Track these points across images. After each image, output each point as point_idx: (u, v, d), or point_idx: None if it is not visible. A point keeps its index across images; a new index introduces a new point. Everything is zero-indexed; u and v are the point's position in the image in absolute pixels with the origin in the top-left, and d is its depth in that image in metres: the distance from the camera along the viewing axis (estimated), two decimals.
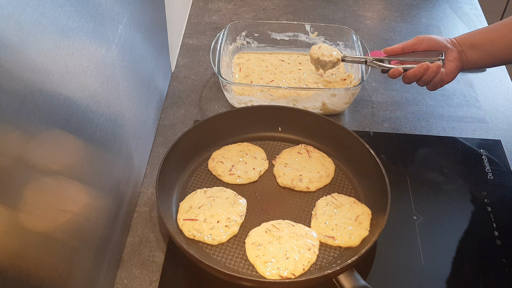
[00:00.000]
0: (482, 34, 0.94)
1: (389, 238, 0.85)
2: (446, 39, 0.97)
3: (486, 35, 0.93)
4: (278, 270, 0.76)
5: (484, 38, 0.93)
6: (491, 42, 0.92)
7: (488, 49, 0.93)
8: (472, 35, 0.95)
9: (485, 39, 0.93)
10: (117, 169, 0.77)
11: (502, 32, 0.92)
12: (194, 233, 0.81)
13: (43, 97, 0.49)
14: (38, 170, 0.50)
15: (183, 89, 1.15)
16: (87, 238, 0.65)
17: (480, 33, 0.95)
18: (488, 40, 0.93)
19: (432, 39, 0.96)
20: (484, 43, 0.93)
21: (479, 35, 0.94)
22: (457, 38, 0.97)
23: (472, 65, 0.96)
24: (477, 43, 0.93)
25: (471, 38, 0.95)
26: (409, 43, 0.97)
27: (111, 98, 0.70)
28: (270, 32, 1.21)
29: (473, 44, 0.94)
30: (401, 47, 0.98)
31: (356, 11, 1.44)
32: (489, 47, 0.92)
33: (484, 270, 0.82)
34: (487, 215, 0.90)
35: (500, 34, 0.92)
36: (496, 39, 0.92)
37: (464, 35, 0.97)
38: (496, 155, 1.02)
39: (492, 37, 0.92)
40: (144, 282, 0.79)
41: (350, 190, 0.92)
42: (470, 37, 0.95)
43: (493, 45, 0.92)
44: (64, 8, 0.53)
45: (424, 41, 0.96)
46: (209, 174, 0.93)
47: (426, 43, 0.96)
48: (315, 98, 1.04)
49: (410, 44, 0.97)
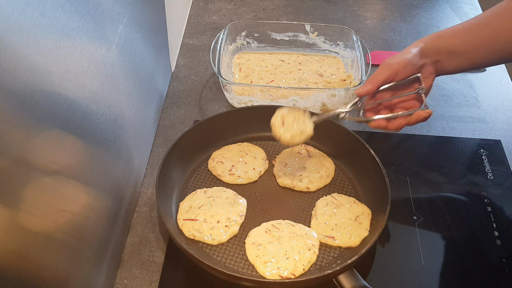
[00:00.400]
0: (461, 37, 0.80)
1: (389, 238, 0.85)
2: (418, 52, 0.81)
3: (467, 39, 0.79)
4: (278, 270, 0.76)
5: (465, 43, 0.79)
6: (475, 48, 0.79)
7: (470, 57, 0.80)
8: (449, 39, 0.80)
9: (467, 45, 0.79)
10: (117, 169, 0.77)
11: (486, 35, 0.79)
12: (194, 233, 0.81)
13: (43, 97, 0.49)
14: (38, 170, 0.50)
15: (183, 89, 1.15)
16: (87, 238, 0.65)
17: (458, 35, 0.80)
18: (470, 46, 0.79)
19: (407, 64, 0.80)
20: (467, 50, 0.80)
21: (458, 39, 0.80)
22: (429, 43, 0.81)
23: (446, 73, 0.83)
24: (457, 50, 0.80)
25: (449, 43, 0.80)
26: (382, 77, 0.80)
27: (111, 98, 0.70)
28: (270, 32, 1.21)
29: (453, 51, 0.80)
30: (376, 85, 0.81)
31: (356, 11, 1.44)
32: (472, 54, 0.80)
33: (484, 270, 0.82)
34: (487, 215, 0.90)
35: (484, 38, 0.79)
36: (481, 44, 0.79)
37: (438, 39, 0.81)
38: (496, 155, 1.02)
39: (475, 42, 0.79)
40: (144, 282, 0.79)
41: (350, 190, 0.92)
42: (447, 42, 0.80)
43: (477, 51, 0.80)
44: (64, 8, 0.53)
45: (400, 71, 0.80)
46: (209, 174, 0.93)
47: (403, 72, 0.80)
48: (315, 98, 1.04)
49: (384, 78, 0.80)
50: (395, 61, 0.80)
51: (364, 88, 0.81)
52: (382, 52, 1.27)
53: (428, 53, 0.81)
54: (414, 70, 0.81)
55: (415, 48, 0.81)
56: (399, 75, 0.80)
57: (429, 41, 0.81)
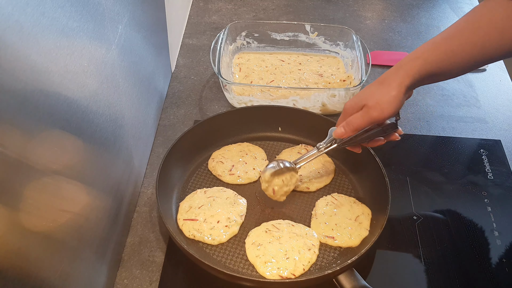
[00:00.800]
0: (447, 59, 0.73)
1: (389, 238, 0.85)
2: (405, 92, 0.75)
3: (452, 61, 0.73)
4: (278, 270, 0.76)
5: (450, 64, 0.73)
6: (460, 68, 0.74)
7: (453, 74, 0.76)
8: (435, 64, 0.73)
9: (451, 65, 0.73)
10: (117, 169, 0.77)
11: (467, 51, 0.72)
12: (194, 233, 0.81)
13: (43, 97, 0.49)
14: (38, 170, 0.50)
15: (183, 89, 1.15)
16: (87, 238, 0.65)
17: (444, 58, 0.73)
18: (454, 67, 0.74)
19: (393, 113, 0.75)
20: (451, 69, 0.74)
21: (444, 62, 0.73)
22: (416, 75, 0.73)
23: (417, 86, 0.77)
24: (439, 71, 0.74)
25: (435, 68, 0.73)
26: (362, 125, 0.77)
27: (111, 98, 0.70)
28: (270, 32, 1.21)
29: (435, 73, 0.74)
30: (354, 133, 0.78)
31: (356, 11, 1.44)
32: (454, 72, 0.75)
33: (484, 270, 0.82)
34: (487, 215, 0.90)
35: (469, 55, 0.72)
36: (466, 61, 0.73)
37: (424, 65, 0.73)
38: (496, 155, 1.02)
39: (460, 59, 0.73)
40: (144, 282, 0.79)
41: (350, 190, 0.92)
42: (433, 67, 0.73)
43: (461, 70, 0.75)
44: (64, 8, 0.53)
45: (385, 120, 0.77)
46: (209, 174, 0.93)
47: (387, 118, 0.77)
48: (315, 98, 1.04)
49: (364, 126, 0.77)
50: (379, 111, 0.74)
51: (342, 133, 0.78)
52: (382, 52, 1.27)
53: (413, 86, 0.76)
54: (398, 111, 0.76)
55: (400, 88, 0.73)
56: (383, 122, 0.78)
57: (416, 72, 0.73)
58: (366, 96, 0.76)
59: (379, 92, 0.74)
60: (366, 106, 0.75)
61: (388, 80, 0.74)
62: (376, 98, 0.74)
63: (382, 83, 0.75)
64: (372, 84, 0.77)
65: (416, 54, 0.74)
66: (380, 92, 0.74)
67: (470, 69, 0.75)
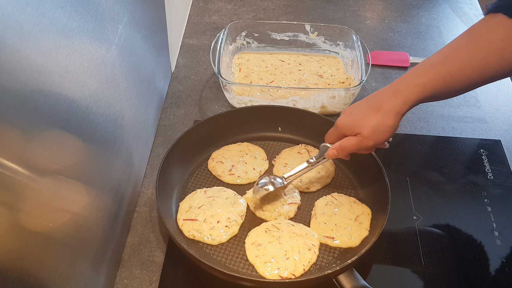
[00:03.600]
0: (445, 84, 0.72)
1: (389, 238, 0.85)
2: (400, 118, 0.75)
3: (451, 85, 0.72)
4: (278, 271, 0.76)
5: (449, 88, 0.73)
6: (459, 91, 0.74)
7: (451, 95, 0.75)
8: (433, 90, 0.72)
9: (450, 89, 0.73)
10: (117, 169, 0.77)
11: (467, 75, 0.71)
12: (194, 233, 0.81)
13: (43, 97, 0.49)
14: (38, 170, 0.50)
15: (183, 89, 1.15)
16: (87, 238, 0.65)
17: (441, 84, 0.72)
18: (453, 90, 0.73)
19: (387, 139, 0.76)
20: (449, 92, 0.74)
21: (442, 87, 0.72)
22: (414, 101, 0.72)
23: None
24: (437, 95, 0.73)
25: (430, 93, 0.72)
26: (354, 149, 0.77)
27: (111, 98, 0.70)
28: (270, 32, 1.21)
29: (434, 96, 0.73)
30: (347, 156, 0.80)
31: (356, 11, 1.44)
32: (452, 95, 0.75)
33: (484, 270, 0.82)
34: (487, 215, 0.90)
35: (468, 79, 0.71)
36: (465, 84, 0.72)
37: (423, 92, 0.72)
38: (496, 155, 1.02)
39: (459, 83, 0.72)
40: (144, 282, 0.79)
41: (350, 190, 0.92)
42: (429, 93, 0.72)
43: (459, 92, 0.74)
44: (64, 8, 0.53)
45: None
46: (209, 174, 0.93)
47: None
48: (315, 99, 1.04)
49: (357, 149, 0.78)
50: (374, 141, 0.74)
51: (334, 155, 0.80)
52: (382, 52, 1.27)
53: (409, 109, 0.74)
54: None
55: (397, 117, 0.73)
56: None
57: (414, 100, 0.72)
58: (361, 122, 0.75)
59: (375, 120, 0.73)
60: (361, 135, 0.75)
61: (385, 108, 0.73)
62: (372, 126, 0.74)
63: (379, 110, 0.73)
64: (368, 106, 0.75)
65: (415, 81, 0.72)
66: (376, 120, 0.73)
67: (468, 90, 0.74)
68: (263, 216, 0.85)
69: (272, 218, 0.85)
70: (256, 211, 0.86)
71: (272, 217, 0.85)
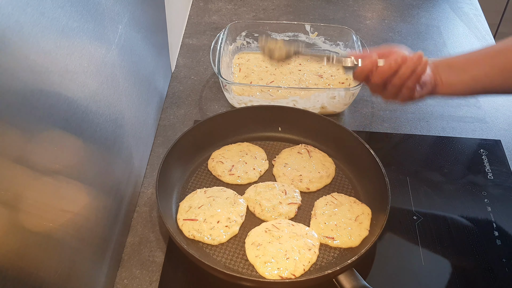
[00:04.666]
0: (463, 56, 0.82)
1: (389, 238, 0.85)
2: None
3: (468, 57, 0.81)
4: (278, 271, 0.76)
5: (466, 59, 0.81)
6: (476, 63, 0.79)
7: (470, 71, 0.79)
8: (450, 58, 0.83)
9: (467, 61, 0.80)
10: (117, 169, 0.77)
11: (489, 53, 0.80)
12: (194, 233, 0.81)
13: (43, 97, 0.49)
14: (38, 170, 0.50)
15: (183, 89, 1.15)
16: (87, 238, 0.65)
17: (461, 55, 0.82)
18: (471, 61, 0.80)
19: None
20: (467, 64, 0.80)
21: (460, 57, 0.82)
22: (431, 59, 0.81)
23: (447, 88, 0.80)
24: (456, 64, 0.80)
25: (449, 59, 0.82)
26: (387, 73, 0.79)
27: (111, 98, 0.70)
28: (270, 32, 1.21)
29: (451, 65, 0.80)
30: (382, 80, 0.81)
31: (356, 11, 1.44)
32: (472, 69, 0.79)
33: (484, 270, 0.82)
34: (487, 215, 0.90)
35: (486, 55, 0.80)
36: (482, 60, 0.79)
37: (440, 58, 0.83)
38: (496, 155, 1.02)
39: (478, 58, 0.80)
40: (144, 282, 0.79)
41: (350, 190, 0.92)
42: (447, 59, 0.82)
43: (477, 67, 0.79)
44: (64, 8, 0.53)
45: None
46: (209, 174, 0.93)
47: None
48: (315, 99, 1.04)
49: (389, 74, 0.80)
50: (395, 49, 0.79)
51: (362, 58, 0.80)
52: None
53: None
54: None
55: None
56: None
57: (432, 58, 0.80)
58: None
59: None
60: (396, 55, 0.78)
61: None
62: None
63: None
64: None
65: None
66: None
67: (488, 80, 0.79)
68: (263, 216, 0.85)
69: (272, 218, 0.85)
70: (256, 211, 0.85)
71: (272, 217, 0.85)
